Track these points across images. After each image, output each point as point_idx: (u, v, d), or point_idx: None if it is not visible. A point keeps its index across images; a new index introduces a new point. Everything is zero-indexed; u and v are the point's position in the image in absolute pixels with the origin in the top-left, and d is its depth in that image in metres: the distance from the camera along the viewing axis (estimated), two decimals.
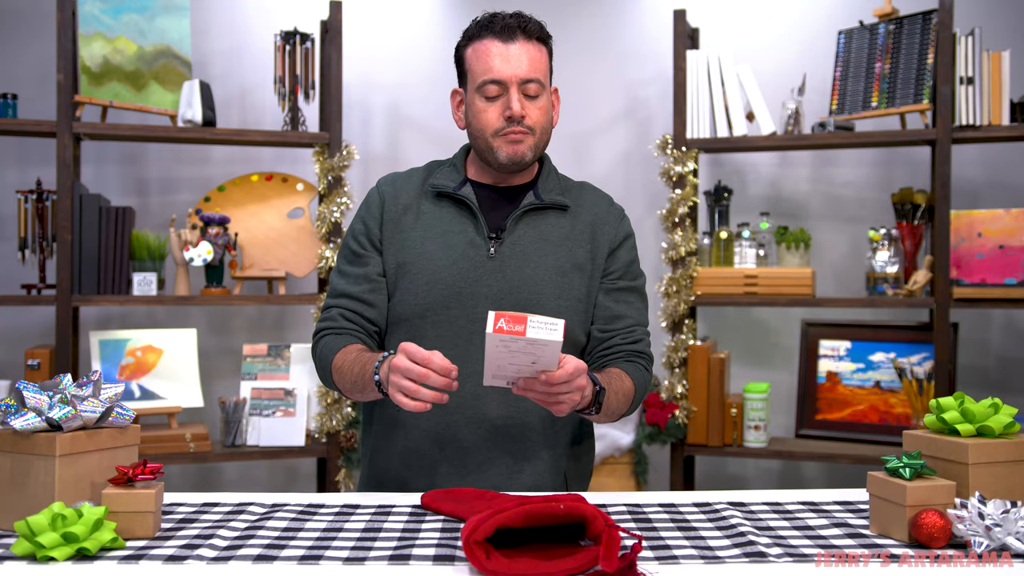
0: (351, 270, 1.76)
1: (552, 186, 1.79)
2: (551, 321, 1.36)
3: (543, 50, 1.72)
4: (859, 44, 3.19)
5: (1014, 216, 3.00)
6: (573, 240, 1.76)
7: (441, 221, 1.74)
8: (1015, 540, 1.20)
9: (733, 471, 3.64)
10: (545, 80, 1.72)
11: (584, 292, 1.74)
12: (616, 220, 1.82)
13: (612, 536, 1.14)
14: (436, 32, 3.61)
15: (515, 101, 1.67)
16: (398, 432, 1.73)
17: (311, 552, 1.24)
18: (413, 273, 1.71)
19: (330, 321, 1.74)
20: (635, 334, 1.77)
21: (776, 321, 3.57)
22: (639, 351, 1.76)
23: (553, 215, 1.76)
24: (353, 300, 1.74)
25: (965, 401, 1.36)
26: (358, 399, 1.69)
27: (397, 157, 3.61)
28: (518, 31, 1.69)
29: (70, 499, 1.29)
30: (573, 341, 1.73)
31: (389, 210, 1.77)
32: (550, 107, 1.75)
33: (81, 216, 3.00)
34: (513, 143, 1.69)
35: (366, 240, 1.77)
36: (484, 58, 1.69)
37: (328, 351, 1.70)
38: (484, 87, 1.69)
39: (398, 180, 1.82)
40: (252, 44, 3.50)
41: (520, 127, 1.69)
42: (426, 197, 1.78)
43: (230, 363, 3.45)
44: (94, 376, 1.36)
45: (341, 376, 1.66)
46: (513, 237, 1.72)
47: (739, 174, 3.59)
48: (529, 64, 1.68)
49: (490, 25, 1.70)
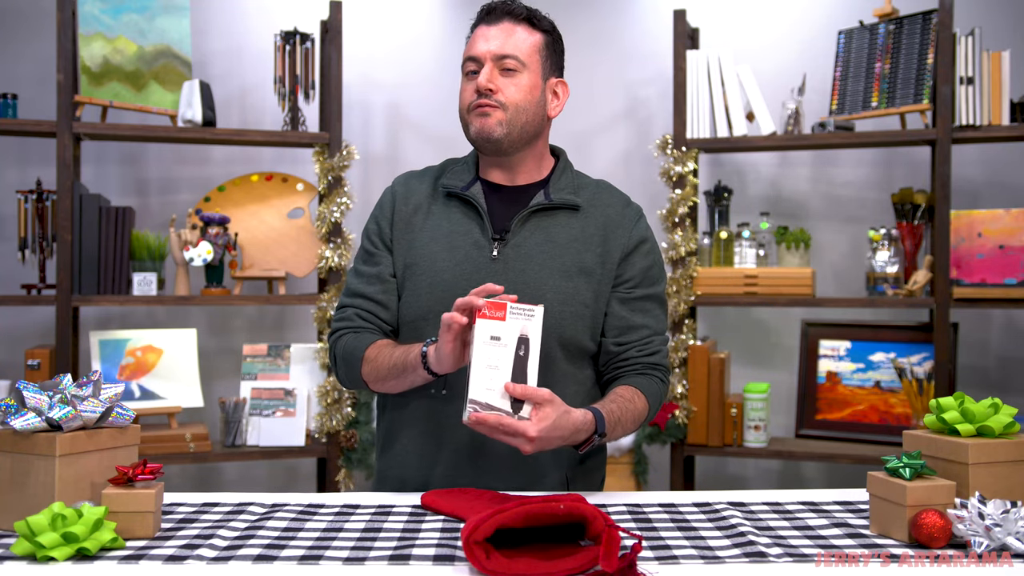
0: (365, 269, 1.76)
1: (564, 184, 1.75)
2: (529, 307, 1.44)
3: (534, 33, 1.71)
4: (859, 44, 3.19)
5: (1014, 216, 3.00)
6: (582, 243, 1.71)
7: (448, 222, 1.73)
8: (1015, 540, 1.20)
9: (733, 471, 3.64)
10: (528, 61, 1.69)
11: (591, 297, 1.70)
12: (631, 223, 1.76)
13: (612, 536, 1.14)
14: (436, 32, 3.61)
15: (483, 74, 1.67)
16: (404, 432, 1.72)
17: (311, 552, 1.24)
18: (418, 275, 1.70)
19: (347, 321, 1.74)
20: (651, 345, 1.72)
21: (776, 321, 3.57)
22: (655, 363, 1.72)
23: (563, 215, 1.73)
24: (367, 300, 1.74)
25: (965, 401, 1.36)
26: (386, 388, 1.68)
27: (397, 157, 3.61)
28: (504, 14, 1.71)
29: (70, 499, 1.29)
30: (578, 346, 1.69)
31: (400, 210, 1.76)
32: (535, 90, 1.70)
33: (81, 216, 3.00)
34: (480, 116, 1.68)
35: (378, 240, 1.77)
36: (471, 42, 1.72)
37: (355, 347, 1.69)
38: (465, 65, 1.72)
39: (412, 179, 1.81)
40: (252, 44, 3.50)
41: (488, 101, 1.67)
42: (437, 197, 1.77)
43: (230, 363, 3.45)
44: (94, 376, 1.36)
45: (374, 366, 1.65)
46: (518, 239, 1.70)
47: (739, 174, 3.59)
48: (508, 42, 1.68)
49: (482, 11, 1.74)
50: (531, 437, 1.42)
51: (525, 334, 1.44)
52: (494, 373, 1.43)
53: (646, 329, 1.73)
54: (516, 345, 1.44)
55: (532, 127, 1.71)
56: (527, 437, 1.42)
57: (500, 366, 1.43)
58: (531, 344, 1.45)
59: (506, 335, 1.44)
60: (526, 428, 1.42)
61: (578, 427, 1.50)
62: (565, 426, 1.47)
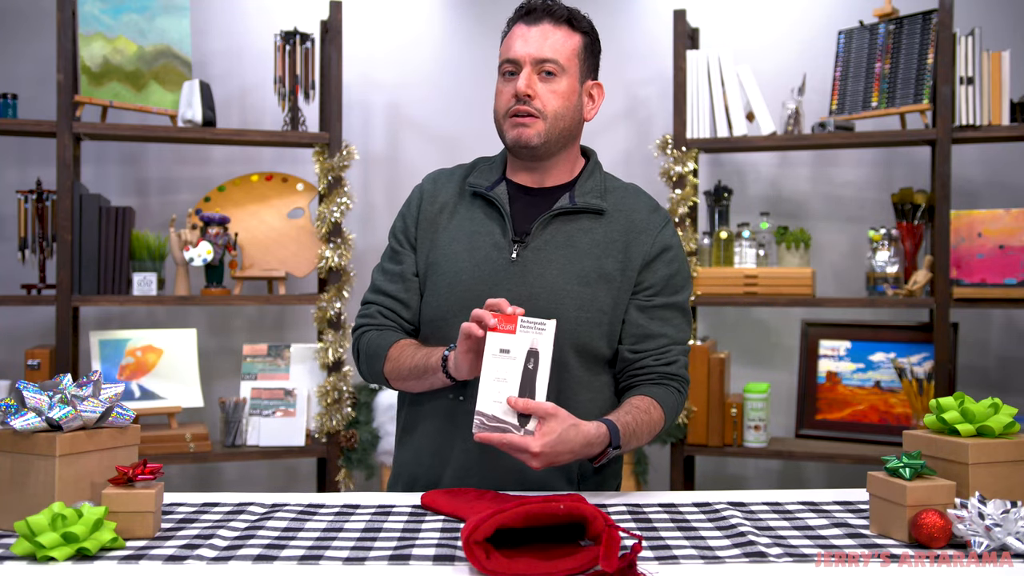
0: (390, 267, 1.76)
1: (590, 188, 1.71)
2: (540, 321, 1.44)
3: (573, 36, 1.68)
4: (859, 44, 3.19)
5: (1014, 216, 3.00)
6: (603, 248, 1.67)
7: (471, 221, 1.71)
8: (1015, 540, 1.20)
9: (733, 471, 3.64)
10: (568, 65, 1.66)
11: (610, 304, 1.66)
12: (655, 230, 1.70)
13: (612, 536, 1.14)
14: (436, 32, 3.60)
15: (522, 78, 1.64)
16: (419, 429, 1.72)
17: (311, 552, 1.24)
18: (439, 274, 1.69)
19: (369, 318, 1.74)
20: (669, 355, 1.68)
21: (776, 321, 3.57)
22: (672, 373, 1.67)
23: (587, 220, 1.69)
24: (389, 298, 1.74)
25: (965, 401, 1.36)
26: (407, 387, 1.68)
27: (397, 157, 3.61)
28: (544, 14, 1.67)
29: (70, 499, 1.29)
30: (594, 354, 1.66)
31: (426, 208, 1.75)
32: (573, 95, 1.68)
33: (81, 216, 3.00)
34: (518, 126, 1.65)
35: (403, 238, 1.76)
36: (508, 41, 1.69)
37: (378, 345, 1.69)
38: (502, 67, 1.69)
39: (440, 177, 1.80)
40: (252, 44, 3.50)
41: (527, 108, 1.64)
42: (464, 196, 1.75)
43: (230, 363, 3.45)
44: (94, 376, 1.36)
45: (396, 365, 1.66)
46: (538, 241, 1.67)
47: (739, 174, 3.59)
48: (547, 45, 1.65)
49: (521, 10, 1.70)
50: (535, 452, 1.41)
51: (535, 347, 1.43)
52: (502, 386, 1.42)
53: (664, 338, 1.68)
54: (525, 358, 1.43)
55: (569, 132, 1.70)
56: (531, 452, 1.41)
57: (508, 379, 1.43)
58: (541, 358, 1.43)
59: (515, 348, 1.43)
60: (528, 444, 1.40)
61: (589, 441, 1.47)
62: (573, 439, 1.44)
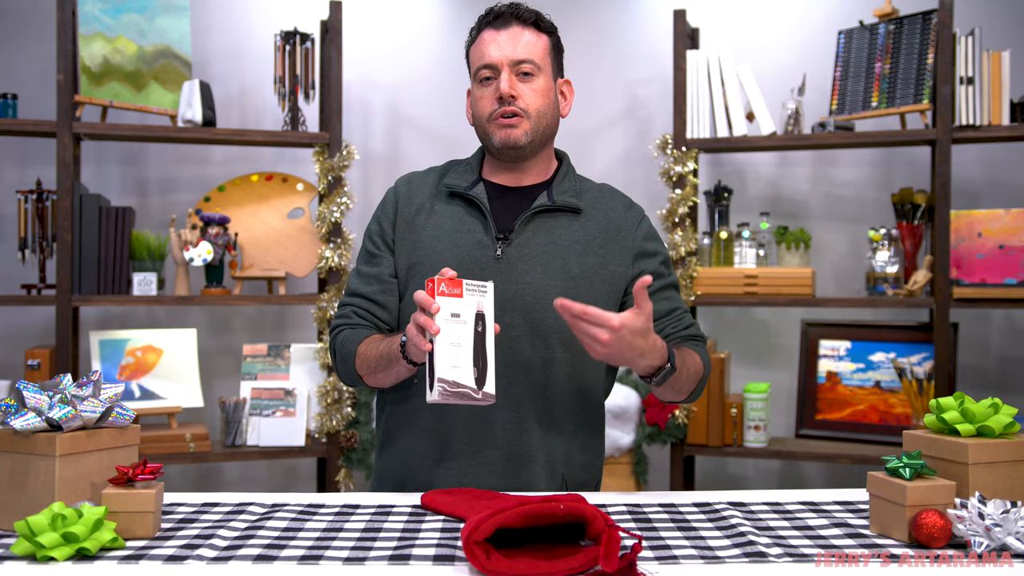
0: (366, 270, 1.78)
1: (567, 187, 1.77)
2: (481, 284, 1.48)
3: (541, 36, 1.73)
4: (859, 44, 3.19)
5: (1014, 216, 3.00)
6: (584, 245, 1.73)
7: (451, 221, 1.74)
8: (1015, 540, 1.20)
9: (733, 471, 3.64)
10: (543, 64, 1.72)
11: (592, 301, 1.66)
12: (633, 226, 1.78)
13: (612, 536, 1.14)
14: (436, 32, 3.60)
15: (504, 80, 1.68)
16: (402, 432, 1.73)
17: (311, 552, 1.24)
18: (421, 274, 1.70)
19: (345, 319, 1.76)
20: (685, 320, 1.76)
21: (776, 321, 3.57)
22: (692, 335, 1.75)
23: (565, 218, 1.74)
24: (365, 300, 1.75)
25: (965, 401, 1.36)
26: (377, 381, 1.68)
27: (397, 157, 3.61)
28: (511, 18, 1.72)
29: (70, 499, 1.29)
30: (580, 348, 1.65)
31: (402, 210, 1.78)
32: (551, 93, 1.74)
33: (81, 216, 3.00)
34: (505, 127, 1.70)
35: (380, 240, 1.78)
36: (480, 47, 1.73)
37: (350, 341, 1.70)
38: (479, 73, 1.72)
39: (414, 180, 1.83)
40: (252, 44, 3.50)
41: (512, 109, 1.69)
42: (440, 197, 1.78)
43: (230, 363, 3.46)
44: (94, 376, 1.36)
45: (365, 359, 1.66)
46: (521, 239, 1.71)
47: (739, 174, 3.60)
48: (520, 46, 1.70)
49: (487, 17, 1.74)
50: (615, 326, 1.42)
51: (481, 310, 1.47)
52: (457, 350, 1.45)
53: (676, 310, 1.76)
54: (475, 321, 1.46)
55: (550, 129, 1.76)
56: (611, 326, 1.42)
57: (462, 343, 1.45)
58: (486, 319, 1.48)
59: (465, 312, 1.46)
60: (611, 318, 1.42)
61: (656, 347, 1.50)
62: (646, 338, 1.47)
